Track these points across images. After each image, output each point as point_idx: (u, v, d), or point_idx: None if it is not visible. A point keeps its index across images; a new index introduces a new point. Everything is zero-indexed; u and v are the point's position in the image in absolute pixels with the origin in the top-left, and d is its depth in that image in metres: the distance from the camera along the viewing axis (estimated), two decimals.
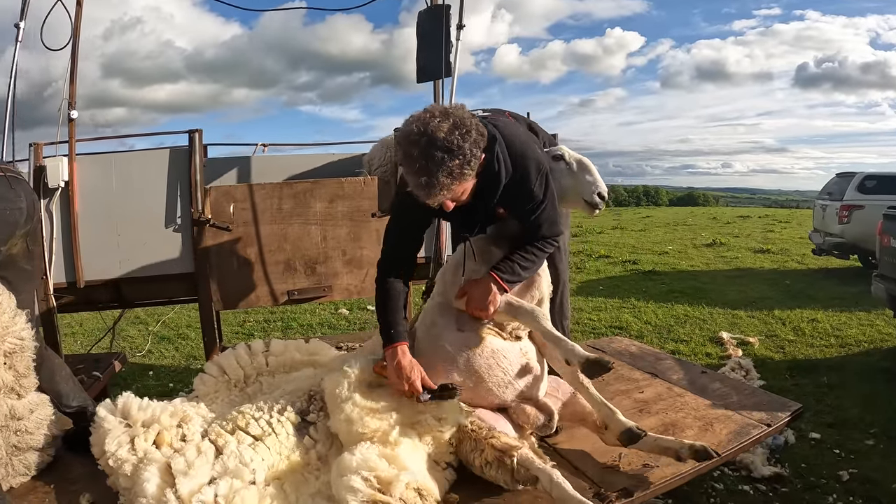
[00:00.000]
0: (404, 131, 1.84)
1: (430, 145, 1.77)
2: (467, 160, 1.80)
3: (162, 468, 1.92)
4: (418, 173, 1.80)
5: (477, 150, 1.84)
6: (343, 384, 2.10)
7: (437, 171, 1.78)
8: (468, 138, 1.80)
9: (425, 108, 1.87)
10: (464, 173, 1.82)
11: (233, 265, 3.60)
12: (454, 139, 1.77)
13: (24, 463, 2.15)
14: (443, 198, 1.87)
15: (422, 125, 1.79)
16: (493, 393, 2.22)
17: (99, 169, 3.49)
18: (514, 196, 2.11)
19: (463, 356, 2.19)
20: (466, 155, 1.79)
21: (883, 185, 9.07)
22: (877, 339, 5.74)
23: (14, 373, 2.12)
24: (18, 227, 2.17)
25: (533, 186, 2.10)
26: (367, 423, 2.00)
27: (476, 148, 1.83)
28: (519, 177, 2.07)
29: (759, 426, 2.51)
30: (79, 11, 3.36)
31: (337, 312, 7.07)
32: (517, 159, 2.06)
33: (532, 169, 2.09)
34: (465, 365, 2.19)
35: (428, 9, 3.93)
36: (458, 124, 1.80)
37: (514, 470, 1.92)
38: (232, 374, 2.57)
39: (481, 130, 1.87)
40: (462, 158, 1.79)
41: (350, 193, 3.74)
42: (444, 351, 2.21)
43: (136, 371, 5.18)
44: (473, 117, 1.87)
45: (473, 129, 1.83)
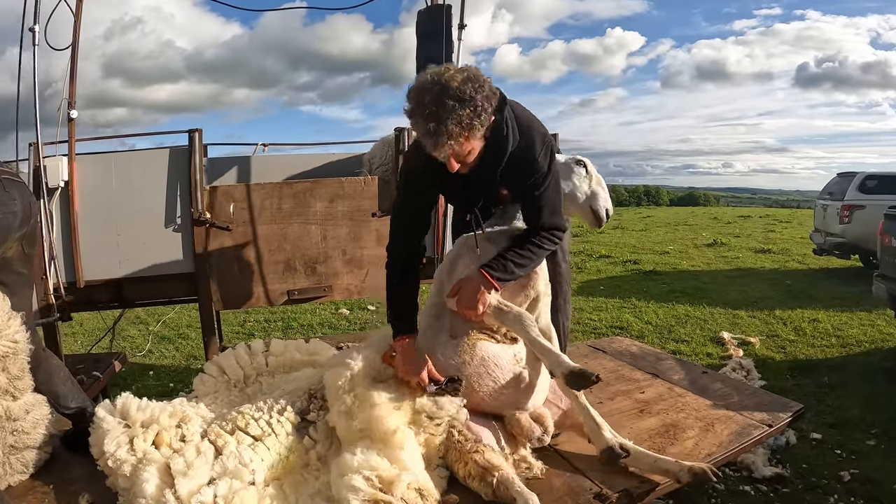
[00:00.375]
0: (418, 81, 1.86)
1: (442, 93, 1.78)
2: (478, 112, 1.81)
3: (161, 469, 1.93)
4: (428, 119, 1.80)
5: (488, 106, 1.85)
6: (345, 375, 2.11)
7: (446, 119, 1.78)
8: (481, 91, 1.82)
9: (434, 69, 1.89)
10: (473, 125, 1.82)
11: (233, 265, 3.60)
12: (467, 89, 1.79)
13: (21, 461, 2.15)
14: (449, 149, 1.85)
15: (436, 75, 1.83)
16: (485, 402, 2.20)
17: (99, 169, 3.48)
18: (518, 167, 2.07)
19: (452, 364, 2.18)
20: (478, 107, 1.81)
21: (884, 185, 9.05)
22: (878, 339, 5.74)
23: (8, 375, 2.11)
24: (12, 231, 2.14)
25: (538, 156, 2.06)
26: (365, 419, 1.99)
27: (487, 103, 1.84)
28: (525, 145, 2.05)
29: (760, 427, 2.51)
30: (80, 8, 3.35)
31: (337, 312, 7.07)
32: (524, 129, 2.06)
33: (538, 139, 2.07)
34: (455, 373, 2.18)
35: (427, 8, 3.93)
36: (473, 78, 1.82)
37: (495, 488, 1.92)
38: (232, 375, 2.57)
39: (494, 89, 1.89)
40: (473, 109, 1.80)
41: (350, 193, 3.73)
42: (434, 359, 2.18)
43: (137, 371, 5.17)
44: (488, 78, 1.88)
45: (486, 86, 1.85)
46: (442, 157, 1.90)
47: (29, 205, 2.22)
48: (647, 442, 2.37)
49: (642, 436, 2.43)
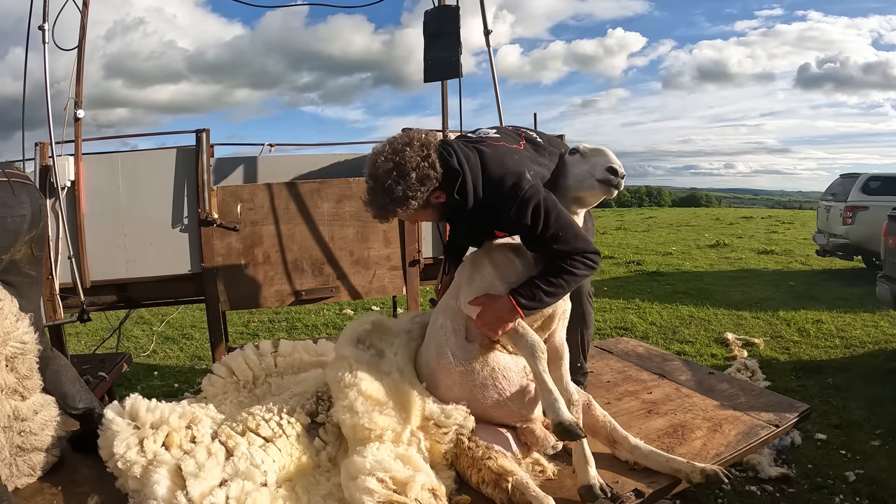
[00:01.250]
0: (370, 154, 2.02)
1: (372, 177, 1.97)
2: (398, 201, 1.92)
3: (172, 470, 1.92)
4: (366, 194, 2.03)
5: (414, 192, 1.92)
6: (343, 367, 2.15)
7: (370, 201, 2.00)
8: (404, 182, 1.90)
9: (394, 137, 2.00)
10: (394, 210, 1.97)
11: (240, 266, 3.60)
12: (388, 181, 1.91)
13: (28, 464, 2.15)
14: (386, 220, 2.06)
15: (374, 157, 1.97)
16: (489, 413, 2.19)
17: (105, 169, 3.48)
18: (496, 220, 2.08)
19: (461, 368, 2.16)
20: (398, 197, 1.91)
21: (887, 186, 9.05)
22: (882, 339, 5.75)
23: (17, 375, 2.12)
24: (21, 234, 2.13)
25: (510, 211, 2.00)
26: (374, 419, 1.99)
27: (412, 191, 1.92)
28: (492, 200, 2.03)
29: (767, 427, 2.52)
30: (86, 8, 3.36)
31: (342, 313, 7.08)
32: (490, 187, 2.03)
33: (506, 192, 2.01)
34: (461, 377, 2.16)
35: (435, 8, 3.92)
36: (400, 167, 1.90)
37: (510, 493, 1.92)
38: (241, 375, 2.57)
39: (426, 173, 1.93)
40: (392, 198, 1.92)
41: (358, 193, 3.72)
42: (446, 358, 2.18)
43: (141, 371, 5.19)
44: (426, 158, 1.93)
45: (414, 173, 1.91)
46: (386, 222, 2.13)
47: (39, 208, 2.21)
48: (655, 442, 2.38)
49: (651, 436, 2.44)
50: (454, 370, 2.16)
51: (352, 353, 2.26)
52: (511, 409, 2.18)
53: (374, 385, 2.10)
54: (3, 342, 2.07)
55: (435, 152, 1.95)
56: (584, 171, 2.21)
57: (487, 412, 2.18)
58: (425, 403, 2.11)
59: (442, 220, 2.23)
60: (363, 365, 2.19)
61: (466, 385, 2.16)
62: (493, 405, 2.17)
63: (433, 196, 1.99)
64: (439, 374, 2.21)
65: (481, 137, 2.18)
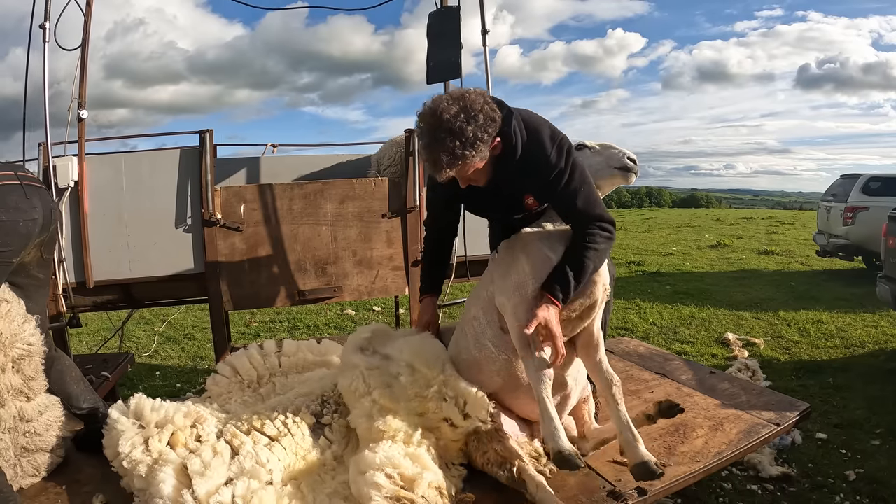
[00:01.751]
0: (422, 109, 1.94)
1: (436, 126, 1.87)
2: (469, 143, 1.86)
3: (178, 469, 1.93)
4: (424, 149, 1.93)
5: (483, 134, 1.89)
6: (358, 378, 2.16)
7: (438, 150, 1.87)
8: (474, 121, 1.86)
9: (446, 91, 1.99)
10: (465, 155, 1.88)
11: (243, 266, 3.61)
12: (458, 122, 1.85)
13: (33, 464, 2.16)
14: (447, 175, 1.94)
15: (434, 105, 1.90)
16: (521, 401, 2.20)
17: (109, 169, 3.50)
18: (533, 169, 2.07)
19: (503, 357, 2.16)
20: (469, 138, 1.86)
21: (888, 187, 9.07)
22: (882, 340, 5.75)
23: (23, 377, 2.13)
24: (33, 238, 2.14)
25: (549, 153, 2.04)
26: (388, 421, 2.01)
27: (482, 132, 1.88)
28: (533, 147, 2.06)
29: (768, 425, 2.52)
30: (89, 8, 3.37)
31: (343, 313, 7.09)
32: (531, 131, 2.07)
33: (546, 137, 2.07)
34: (505, 366, 2.16)
35: (439, 10, 3.94)
36: (467, 109, 1.87)
37: (514, 474, 1.97)
38: (245, 375, 2.59)
39: (491, 115, 1.92)
40: (463, 140, 1.85)
41: (361, 194, 3.75)
42: (487, 349, 2.18)
43: (143, 371, 5.20)
44: (487, 103, 1.92)
45: (482, 114, 1.88)
46: (443, 181, 1.98)
47: (50, 211, 2.21)
48: (657, 441, 2.39)
49: (652, 434, 2.44)
50: (498, 358, 2.17)
51: (361, 360, 2.27)
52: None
53: (387, 391, 2.12)
54: (10, 344, 2.08)
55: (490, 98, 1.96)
56: (600, 161, 2.27)
57: (521, 401, 2.21)
58: (441, 404, 2.11)
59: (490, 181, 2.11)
60: (374, 372, 2.21)
61: (509, 374, 2.17)
62: (524, 399, 2.18)
63: (494, 141, 1.97)
64: (482, 362, 2.21)
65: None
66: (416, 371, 2.19)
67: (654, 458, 2.02)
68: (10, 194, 2.06)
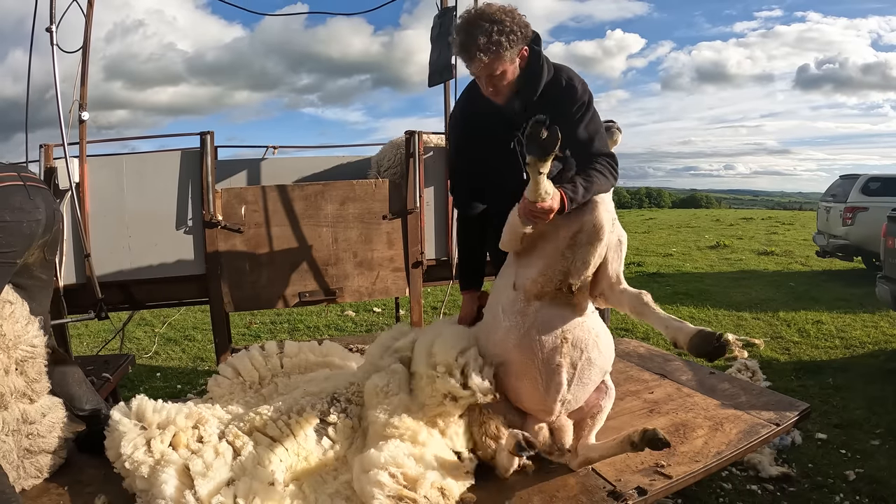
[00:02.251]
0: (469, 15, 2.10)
1: (478, 16, 2.04)
2: (505, 31, 2.01)
3: (180, 470, 1.95)
4: (462, 35, 2.06)
5: (518, 30, 2.04)
6: (384, 378, 2.26)
7: (477, 34, 2.01)
8: (512, 18, 2.04)
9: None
10: (500, 41, 2.01)
11: (244, 267, 3.61)
12: (499, 14, 2.03)
13: (35, 466, 2.17)
14: (480, 63, 2.05)
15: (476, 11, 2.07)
16: (517, 385, 2.23)
17: (110, 171, 3.50)
18: (557, 100, 2.19)
19: (507, 322, 2.22)
20: (506, 27, 2.01)
21: (887, 187, 9.07)
22: (881, 340, 5.76)
23: (26, 378, 2.14)
24: (36, 239, 2.15)
25: (575, 84, 2.20)
26: (404, 420, 2.06)
27: (518, 28, 2.04)
28: (558, 78, 2.21)
29: (768, 426, 2.54)
30: (90, 10, 3.38)
31: (343, 314, 7.10)
32: (558, 66, 2.23)
33: (572, 74, 2.23)
34: (506, 332, 2.22)
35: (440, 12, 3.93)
36: (508, 9, 2.05)
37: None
38: (247, 376, 2.60)
39: (526, 23, 2.08)
40: (500, 28, 2.01)
41: (361, 195, 3.76)
42: (497, 316, 2.27)
43: (144, 373, 5.20)
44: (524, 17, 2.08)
45: (520, 17, 2.06)
46: (475, 73, 2.12)
47: (53, 212, 2.22)
48: None
49: None
50: (502, 325, 2.23)
51: (388, 362, 2.38)
52: (537, 381, 2.18)
53: (408, 395, 2.21)
54: (13, 346, 2.09)
55: None
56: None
57: (517, 383, 2.23)
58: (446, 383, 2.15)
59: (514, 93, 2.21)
60: (400, 375, 2.30)
61: (510, 339, 2.21)
62: (523, 369, 2.19)
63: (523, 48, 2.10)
64: (491, 329, 2.29)
65: None
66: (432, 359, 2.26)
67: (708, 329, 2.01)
68: (13, 195, 2.07)
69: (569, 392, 2.19)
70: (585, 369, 2.20)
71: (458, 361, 2.17)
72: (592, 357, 2.20)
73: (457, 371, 2.15)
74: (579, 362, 2.18)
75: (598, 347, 2.21)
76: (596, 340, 2.21)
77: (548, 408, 2.21)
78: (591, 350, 2.19)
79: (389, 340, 2.55)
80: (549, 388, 2.18)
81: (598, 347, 2.22)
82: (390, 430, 2.03)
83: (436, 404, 2.13)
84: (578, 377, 2.19)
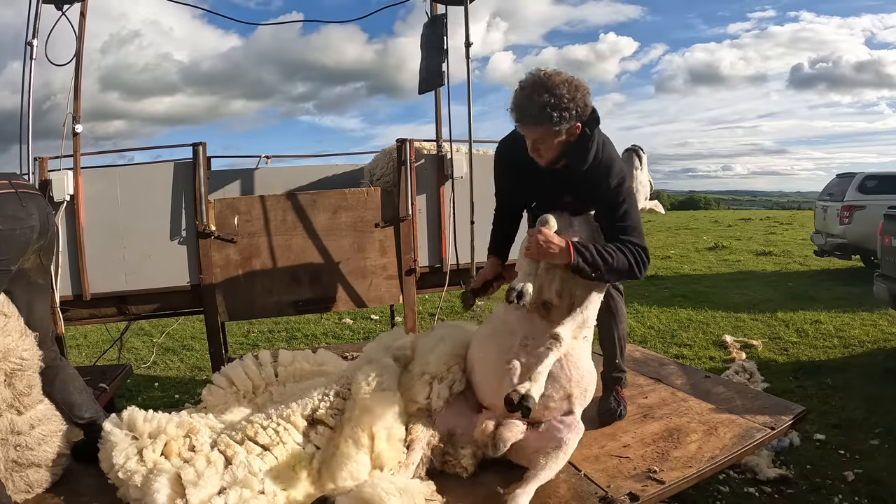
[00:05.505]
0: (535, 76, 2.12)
1: (541, 82, 2.06)
2: (559, 106, 2.03)
3: (172, 479, 1.95)
4: (518, 96, 2.10)
5: (574, 108, 2.05)
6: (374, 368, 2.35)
7: (534, 100, 2.04)
8: (573, 93, 2.04)
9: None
10: (552, 116, 2.03)
11: (238, 277, 3.62)
12: (561, 88, 2.03)
13: (24, 480, 2.16)
14: (526, 127, 2.12)
15: (544, 70, 2.11)
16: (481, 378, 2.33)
17: (104, 182, 3.51)
18: (596, 186, 2.23)
19: (488, 327, 2.39)
20: (563, 104, 2.03)
21: (883, 185, 9.08)
22: (880, 339, 5.75)
23: (13, 391, 2.14)
24: (31, 245, 2.16)
25: (612, 180, 2.22)
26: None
27: (575, 104, 2.05)
28: (605, 166, 2.22)
29: (762, 429, 2.54)
30: (82, 24, 3.40)
31: (341, 322, 7.10)
32: (608, 155, 2.25)
33: (617, 166, 2.25)
34: (482, 338, 2.40)
35: (430, 19, 3.95)
36: (570, 81, 2.06)
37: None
38: (240, 385, 2.60)
39: (587, 101, 2.09)
40: (558, 102, 2.02)
41: (353, 204, 3.77)
42: (488, 321, 2.44)
43: (142, 383, 5.20)
44: (589, 93, 2.10)
45: (580, 93, 2.06)
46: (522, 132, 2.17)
47: (46, 217, 2.24)
48: (650, 446, 2.41)
49: (646, 440, 2.46)
50: (484, 329, 2.41)
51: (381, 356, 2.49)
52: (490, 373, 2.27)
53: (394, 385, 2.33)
54: (2, 357, 2.09)
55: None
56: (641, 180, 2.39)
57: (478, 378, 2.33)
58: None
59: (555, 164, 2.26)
60: (389, 369, 2.39)
61: (483, 343, 2.37)
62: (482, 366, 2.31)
63: (576, 125, 2.11)
64: (478, 334, 2.46)
65: None
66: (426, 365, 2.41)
67: None
68: (6, 204, 2.08)
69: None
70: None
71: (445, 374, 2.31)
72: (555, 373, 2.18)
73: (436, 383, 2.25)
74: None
75: (566, 368, 2.22)
76: (571, 362, 2.23)
77: (496, 402, 2.21)
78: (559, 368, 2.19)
79: (389, 341, 2.64)
80: (501, 385, 2.16)
81: (567, 370, 2.22)
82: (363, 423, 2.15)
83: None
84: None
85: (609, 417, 2.63)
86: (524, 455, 2.19)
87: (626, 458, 2.32)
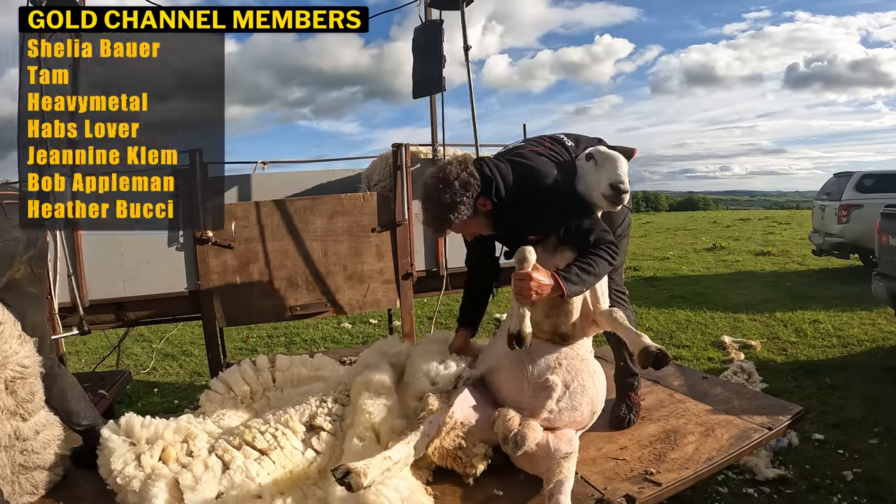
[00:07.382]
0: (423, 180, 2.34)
1: (425, 197, 2.29)
2: (449, 208, 2.20)
3: (170, 484, 1.97)
4: (422, 214, 2.34)
5: (460, 199, 2.20)
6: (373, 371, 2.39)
7: (429, 216, 2.28)
8: (450, 190, 2.19)
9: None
10: (448, 218, 2.22)
11: (235, 282, 3.63)
12: (436, 193, 2.21)
13: (31, 482, 2.17)
14: (442, 234, 2.38)
15: (425, 180, 2.32)
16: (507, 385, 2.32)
17: None
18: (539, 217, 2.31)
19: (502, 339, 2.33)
20: (447, 205, 2.19)
21: (881, 184, 9.07)
22: (879, 337, 5.74)
23: (16, 398, 2.15)
24: (17, 256, 2.15)
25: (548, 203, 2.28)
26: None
27: (458, 196, 2.19)
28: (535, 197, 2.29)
29: (760, 430, 2.53)
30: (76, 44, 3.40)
31: (340, 327, 7.09)
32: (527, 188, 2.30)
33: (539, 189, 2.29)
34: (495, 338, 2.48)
35: (424, 24, 3.97)
36: (444, 179, 2.21)
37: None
38: (238, 391, 2.61)
39: (467, 181, 2.21)
40: (441, 207, 2.20)
41: (350, 209, 3.78)
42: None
43: (141, 388, 5.20)
44: (465, 170, 2.23)
45: (457, 181, 2.20)
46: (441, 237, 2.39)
47: None
48: (647, 448, 2.41)
49: (643, 442, 2.46)
50: (500, 339, 2.38)
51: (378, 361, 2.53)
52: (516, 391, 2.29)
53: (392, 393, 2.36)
54: (2, 365, 2.09)
55: (472, 164, 2.27)
56: (594, 181, 2.32)
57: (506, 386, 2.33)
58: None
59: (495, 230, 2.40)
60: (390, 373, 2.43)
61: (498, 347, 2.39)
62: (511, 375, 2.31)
63: (479, 202, 2.26)
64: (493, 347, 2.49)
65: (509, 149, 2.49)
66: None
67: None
68: None
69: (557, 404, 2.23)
70: (577, 393, 2.25)
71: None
72: (586, 385, 2.28)
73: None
74: (572, 384, 2.25)
75: (597, 386, 2.32)
76: (599, 381, 2.35)
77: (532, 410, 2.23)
78: (586, 379, 2.29)
79: (386, 347, 2.68)
80: (537, 396, 2.22)
81: (596, 387, 2.32)
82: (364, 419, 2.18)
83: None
84: (570, 397, 2.24)
85: (620, 424, 2.63)
86: (532, 459, 2.18)
87: (623, 460, 2.31)
